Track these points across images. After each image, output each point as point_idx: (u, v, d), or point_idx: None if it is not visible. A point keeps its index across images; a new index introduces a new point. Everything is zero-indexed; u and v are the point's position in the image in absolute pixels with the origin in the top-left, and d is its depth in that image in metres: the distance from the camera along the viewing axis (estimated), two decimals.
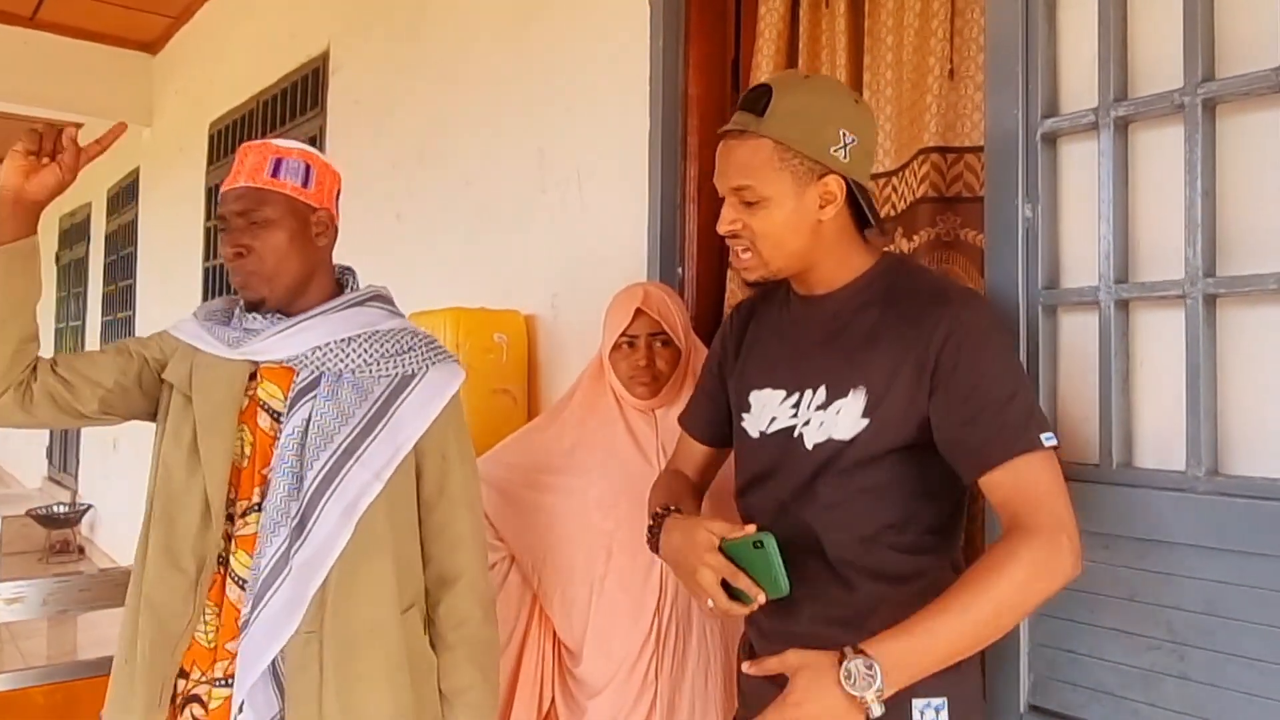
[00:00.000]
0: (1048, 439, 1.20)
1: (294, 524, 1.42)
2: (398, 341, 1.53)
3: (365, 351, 1.49)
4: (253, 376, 1.50)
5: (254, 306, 1.50)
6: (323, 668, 1.41)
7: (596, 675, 1.83)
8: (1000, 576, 1.14)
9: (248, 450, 1.47)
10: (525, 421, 2.32)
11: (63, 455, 8.87)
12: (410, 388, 1.51)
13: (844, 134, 1.30)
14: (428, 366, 1.53)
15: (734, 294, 2.15)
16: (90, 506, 7.57)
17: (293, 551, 1.41)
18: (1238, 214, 1.27)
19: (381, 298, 1.59)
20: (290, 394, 1.47)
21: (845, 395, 1.30)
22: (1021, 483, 1.18)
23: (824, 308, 1.38)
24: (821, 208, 1.32)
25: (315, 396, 1.46)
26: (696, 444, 1.62)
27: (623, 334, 1.84)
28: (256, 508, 1.45)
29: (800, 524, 1.35)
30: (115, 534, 7.15)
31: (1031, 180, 1.46)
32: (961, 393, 1.22)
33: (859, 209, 1.36)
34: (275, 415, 1.48)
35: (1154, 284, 1.33)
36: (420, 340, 1.55)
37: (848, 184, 1.32)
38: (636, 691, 1.79)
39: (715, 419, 1.58)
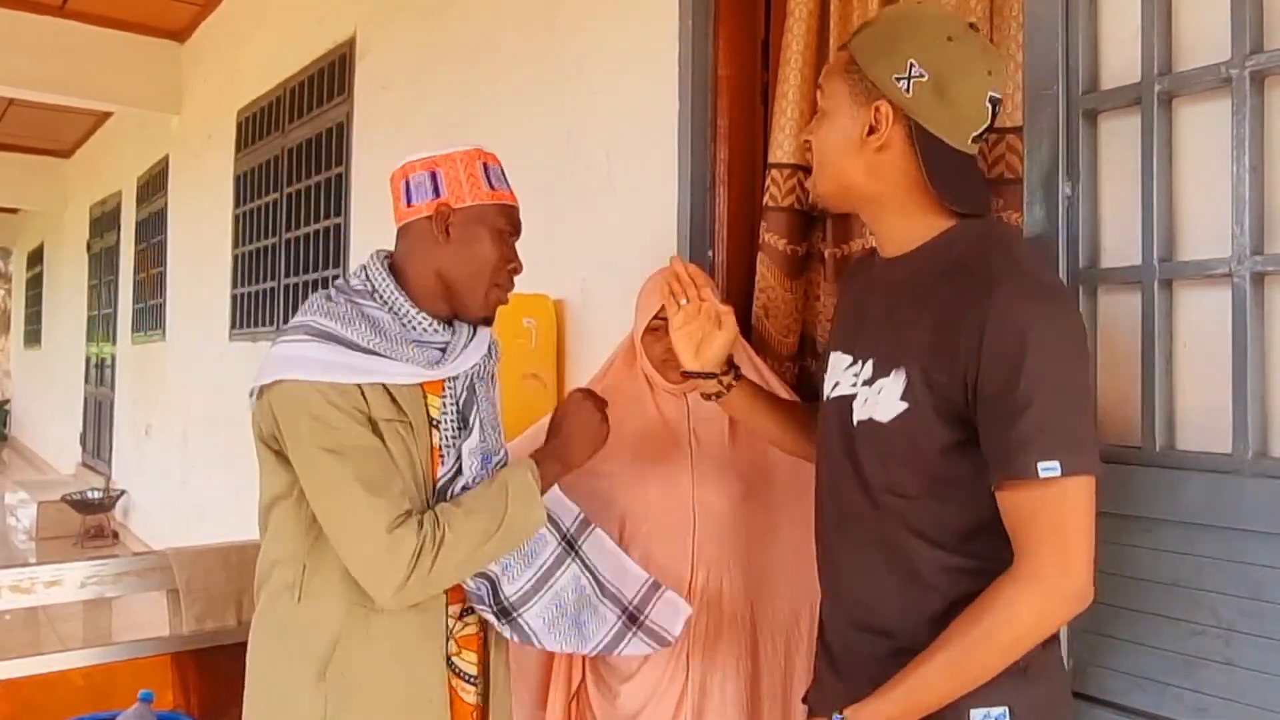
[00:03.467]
0: (1046, 468, 1.07)
1: None
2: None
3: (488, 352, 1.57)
4: None
5: (485, 322, 1.53)
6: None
7: (628, 659, 1.83)
8: (993, 630, 1.11)
9: None
10: (554, 406, 2.31)
11: (96, 442, 9.00)
12: (495, 380, 1.64)
13: (912, 65, 1.19)
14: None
15: (764, 277, 2.13)
16: (124, 492, 7.67)
17: None
18: None
19: None
20: (457, 401, 1.48)
21: (888, 375, 1.21)
22: (1023, 509, 1.10)
23: (895, 272, 1.28)
24: (868, 134, 1.22)
25: (478, 400, 1.51)
26: None
27: (656, 316, 1.83)
28: None
29: (853, 499, 1.28)
30: (148, 519, 7.25)
31: (1072, 158, 1.43)
32: (986, 394, 1.12)
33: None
34: (436, 425, 1.46)
35: (1199, 262, 1.30)
36: None
37: (912, 127, 1.20)
38: (669, 674, 1.79)
39: None
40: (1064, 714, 1.25)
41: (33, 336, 13.23)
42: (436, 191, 1.45)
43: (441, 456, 1.45)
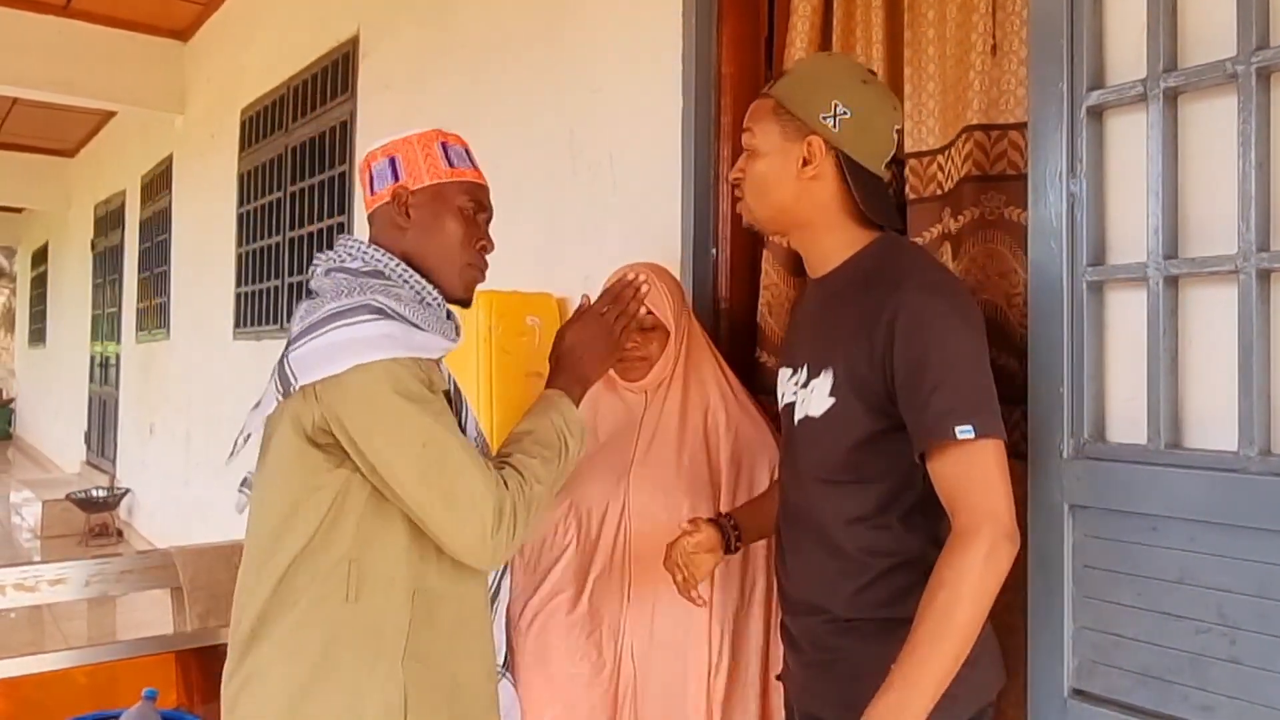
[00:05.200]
0: (962, 431, 1.22)
1: None
2: None
3: None
4: None
5: (463, 303, 1.50)
6: None
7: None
8: (957, 587, 1.20)
9: None
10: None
11: (101, 440, 9.02)
12: None
13: (836, 105, 1.38)
14: None
15: (768, 275, 2.13)
16: (128, 490, 7.68)
17: None
18: None
19: None
20: (450, 383, 1.48)
21: (818, 375, 1.40)
22: (946, 475, 1.26)
23: (821, 289, 1.47)
24: (802, 166, 1.39)
25: (454, 379, 1.51)
26: None
27: None
28: None
29: (795, 495, 1.48)
30: (152, 517, 7.26)
31: (1076, 155, 1.43)
32: (899, 378, 1.28)
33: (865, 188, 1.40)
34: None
35: (1205, 259, 1.29)
36: None
37: (840, 157, 1.39)
38: (605, 670, 1.79)
39: None
40: (988, 678, 1.40)
41: (37, 335, 13.26)
42: (395, 176, 1.43)
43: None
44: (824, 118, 1.38)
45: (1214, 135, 1.30)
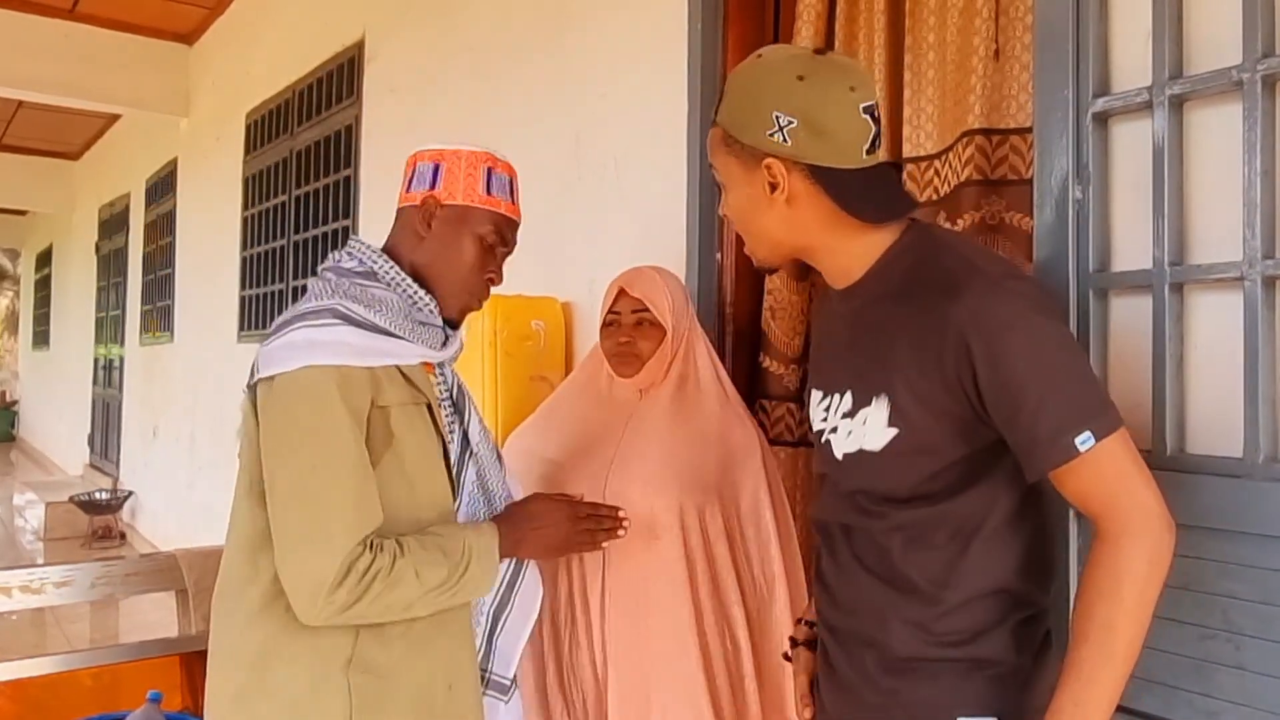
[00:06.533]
0: (1083, 442, 1.08)
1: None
2: None
3: None
4: None
5: (452, 325, 1.50)
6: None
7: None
8: (1120, 595, 1.07)
9: None
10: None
11: (104, 443, 9.03)
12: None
13: (778, 117, 1.20)
14: None
15: (772, 279, 2.13)
16: (131, 493, 7.69)
17: None
18: None
19: None
20: (454, 388, 1.51)
21: (869, 404, 1.22)
22: (1081, 492, 1.11)
23: (849, 302, 1.29)
24: (771, 192, 1.23)
25: (466, 391, 1.55)
26: None
27: (610, 310, 1.89)
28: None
29: (842, 517, 1.30)
30: (155, 520, 7.26)
31: (1082, 161, 1.43)
32: (993, 400, 1.12)
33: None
34: (440, 405, 1.48)
35: (1210, 266, 1.30)
36: None
37: (809, 169, 1.21)
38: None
39: None
40: None
41: (41, 338, 13.28)
42: (433, 184, 1.44)
43: (452, 437, 1.47)
44: (770, 134, 1.21)
45: (1219, 142, 1.31)
